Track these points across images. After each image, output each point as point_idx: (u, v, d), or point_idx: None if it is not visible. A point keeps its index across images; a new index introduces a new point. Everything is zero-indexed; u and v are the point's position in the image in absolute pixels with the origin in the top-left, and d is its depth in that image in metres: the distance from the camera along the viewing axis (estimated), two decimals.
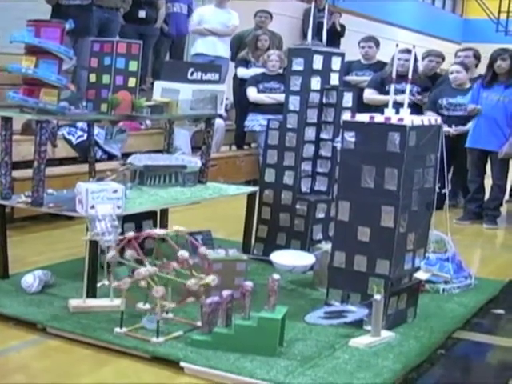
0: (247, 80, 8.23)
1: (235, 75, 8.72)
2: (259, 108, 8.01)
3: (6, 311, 3.63)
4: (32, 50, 3.93)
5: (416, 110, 6.13)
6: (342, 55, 4.90)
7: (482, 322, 4.05)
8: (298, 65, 4.72)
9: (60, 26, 3.97)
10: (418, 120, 3.61)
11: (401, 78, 4.86)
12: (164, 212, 5.00)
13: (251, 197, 4.86)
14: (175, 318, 3.54)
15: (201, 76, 4.80)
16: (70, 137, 6.44)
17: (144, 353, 3.25)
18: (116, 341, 3.33)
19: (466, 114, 6.86)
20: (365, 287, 3.62)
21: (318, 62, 4.71)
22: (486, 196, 6.87)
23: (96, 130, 5.59)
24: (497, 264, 5.44)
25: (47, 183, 4.11)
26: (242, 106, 8.39)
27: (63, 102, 4.16)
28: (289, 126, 4.77)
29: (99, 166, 5.13)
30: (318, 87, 4.75)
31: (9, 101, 4.04)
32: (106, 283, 3.87)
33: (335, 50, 5.05)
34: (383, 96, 7.20)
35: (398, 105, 3.74)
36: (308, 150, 4.80)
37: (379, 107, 5.81)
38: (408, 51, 6.52)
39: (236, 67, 8.74)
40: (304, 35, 11.02)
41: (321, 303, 3.79)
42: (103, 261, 3.97)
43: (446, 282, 4.35)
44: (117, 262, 3.53)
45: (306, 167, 4.81)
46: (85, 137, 6.12)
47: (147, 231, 3.67)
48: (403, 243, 3.62)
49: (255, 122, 8.07)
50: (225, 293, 3.33)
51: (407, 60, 6.59)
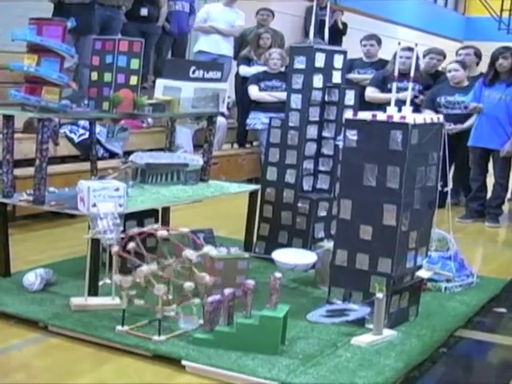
0: (249, 78, 8.23)
1: (237, 73, 8.72)
2: (261, 106, 8.01)
3: (8, 309, 3.63)
4: (34, 48, 3.93)
5: (415, 109, 6.12)
6: (344, 53, 4.89)
7: (484, 321, 4.04)
8: (300, 63, 4.71)
9: (62, 24, 3.97)
10: (420, 118, 3.61)
11: (402, 76, 4.87)
12: (166, 210, 5.00)
13: (253, 195, 4.86)
14: (176, 317, 3.53)
15: (203, 74, 4.79)
16: (72, 135, 6.43)
17: (145, 351, 3.25)
18: (117, 339, 3.33)
19: (465, 112, 6.86)
20: (367, 285, 3.61)
21: (320, 60, 4.71)
22: (488, 194, 6.87)
23: (98, 128, 5.58)
24: (499, 262, 5.43)
25: (49, 181, 4.11)
26: (244, 104, 8.38)
27: (65, 100, 4.16)
28: (291, 124, 4.76)
29: (101, 164, 5.13)
30: (320, 85, 4.74)
31: (11, 99, 4.04)
32: (108, 281, 3.87)
33: (337, 48, 5.04)
34: (385, 94, 7.20)
35: (400, 103, 3.74)
36: (310, 148, 4.80)
37: (381, 105, 5.81)
38: (410, 49, 6.52)
39: (238, 65, 8.75)
40: (306, 33, 11.01)
41: (323, 302, 3.79)
42: (105, 259, 3.97)
43: (448, 281, 4.35)
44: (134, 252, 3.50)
45: (308, 165, 4.81)
46: (86, 135, 6.12)
47: (150, 228, 3.64)
48: (405, 241, 3.61)
49: (257, 121, 8.08)
50: (226, 291, 3.32)
51: (409, 58, 6.59)
